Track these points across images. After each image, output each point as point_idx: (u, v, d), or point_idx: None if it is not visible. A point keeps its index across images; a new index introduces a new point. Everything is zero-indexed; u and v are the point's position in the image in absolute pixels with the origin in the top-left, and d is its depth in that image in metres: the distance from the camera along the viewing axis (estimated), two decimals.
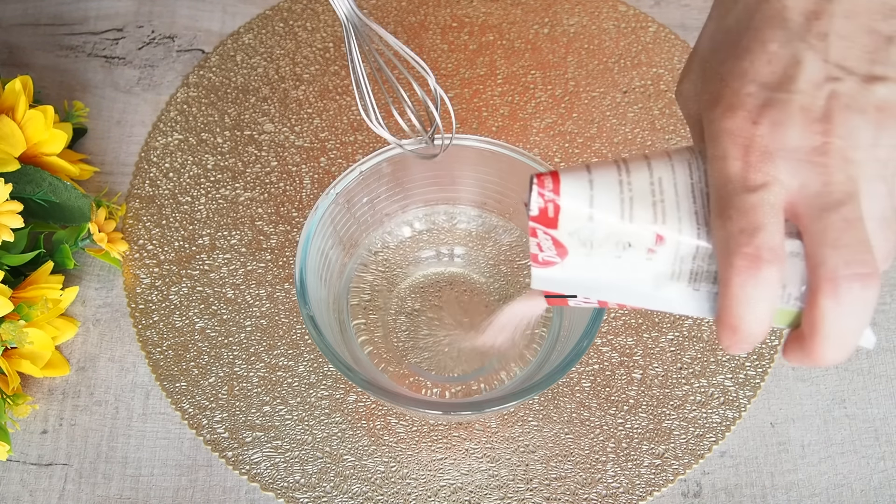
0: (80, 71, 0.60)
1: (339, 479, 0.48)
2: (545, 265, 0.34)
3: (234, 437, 0.49)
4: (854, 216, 0.28)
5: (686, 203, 0.32)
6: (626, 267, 0.33)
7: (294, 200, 0.55)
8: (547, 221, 0.33)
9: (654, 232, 0.32)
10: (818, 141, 0.29)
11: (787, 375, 0.51)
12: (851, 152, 0.29)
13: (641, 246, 0.32)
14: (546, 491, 0.47)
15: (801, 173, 0.29)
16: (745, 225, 0.29)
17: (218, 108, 0.58)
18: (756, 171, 0.29)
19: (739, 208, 0.29)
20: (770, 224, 0.29)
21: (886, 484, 0.48)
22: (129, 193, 0.56)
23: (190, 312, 0.52)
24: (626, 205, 0.32)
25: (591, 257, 0.33)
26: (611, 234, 0.32)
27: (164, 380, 0.50)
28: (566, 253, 0.34)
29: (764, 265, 0.29)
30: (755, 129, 0.29)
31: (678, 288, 0.33)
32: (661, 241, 0.32)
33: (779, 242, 0.29)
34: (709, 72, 0.32)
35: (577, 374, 0.50)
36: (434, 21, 0.61)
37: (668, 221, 0.32)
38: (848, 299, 0.28)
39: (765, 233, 0.29)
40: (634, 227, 0.32)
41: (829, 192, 0.29)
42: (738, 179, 0.30)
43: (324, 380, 0.50)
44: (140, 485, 0.48)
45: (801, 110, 0.29)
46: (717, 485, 0.48)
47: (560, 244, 0.33)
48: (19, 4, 0.62)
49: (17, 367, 0.48)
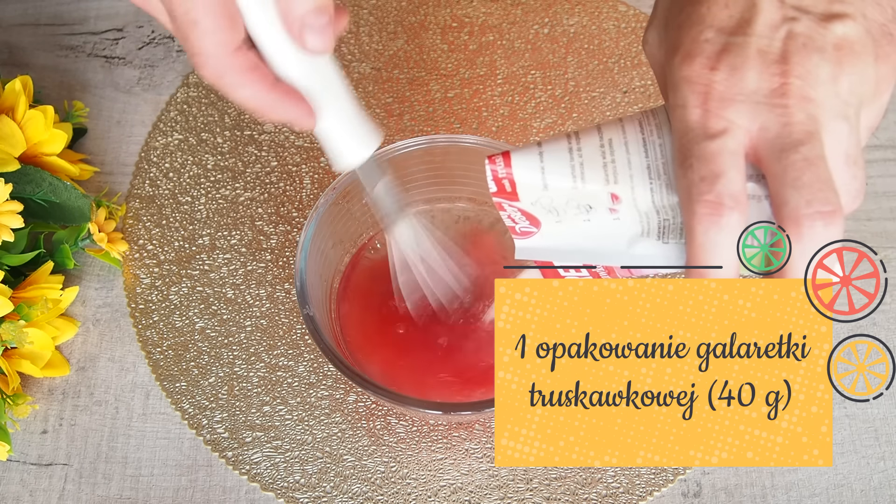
0: (80, 71, 0.60)
1: (339, 479, 0.48)
2: (525, 235, 0.36)
3: (234, 437, 0.49)
4: (815, 155, 0.28)
5: (637, 159, 0.32)
6: (597, 230, 0.34)
7: (294, 200, 0.55)
8: (507, 195, 0.34)
9: (609, 192, 0.32)
10: (776, 82, 0.29)
11: None
12: (811, 91, 0.29)
13: (602, 207, 0.33)
14: (546, 491, 0.47)
15: (761, 116, 0.29)
16: (706, 173, 0.29)
17: (218, 107, 0.58)
18: (715, 118, 0.29)
19: (700, 156, 0.29)
20: (730, 170, 0.29)
21: (886, 484, 0.48)
22: (129, 193, 0.56)
23: (190, 312, 0.52)
24: (577, 170, 0.33)
25: (563, 224, 0.34)
26: (570, 199, 0.33)
27: (164, 380, 0.50)
28: (539, 223, 0.35)
29: (725, 211, 0.28)
30: (713, 76, 0.29)
31: (649, 243, 0.33)
32: (618, 200, 0.33)
33: (740, 188, 0.29)
34: (670, 20, 0.32)
35: None
36: (434, 21, 0.61)
37: (620, 180, 0.32)
38: (812, 237, 0.28)
39: (725, 179, 0.29)
40: (589, 189, 0.33)
41: (788, 132, 0.29)
42: (697, 127, 0.29)
43: (324, 380, 0.50)
44: (140, 485, 0.48)
45: (759, 53, 0.29)
46: (717, 485, 0.48)
47: (530, 215, 0.35)
48: (19, 4, 0.62)
49: (17, 367, 0.48)
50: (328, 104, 0.33)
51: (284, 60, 0.32)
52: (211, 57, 0.31)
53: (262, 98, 0.32)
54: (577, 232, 0.34)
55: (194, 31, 0.30)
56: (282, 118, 0.32)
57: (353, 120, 0.35)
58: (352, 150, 0.35)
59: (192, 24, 0.30)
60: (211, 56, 0.30)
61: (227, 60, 0.31)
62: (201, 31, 0.30)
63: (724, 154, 0.29)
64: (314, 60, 0.32)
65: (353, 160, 0.36)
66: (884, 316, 0.52)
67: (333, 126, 0.34)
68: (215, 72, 0.31)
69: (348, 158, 0.36)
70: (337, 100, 0.34)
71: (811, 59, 0.29)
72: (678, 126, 0.30)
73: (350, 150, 0.35)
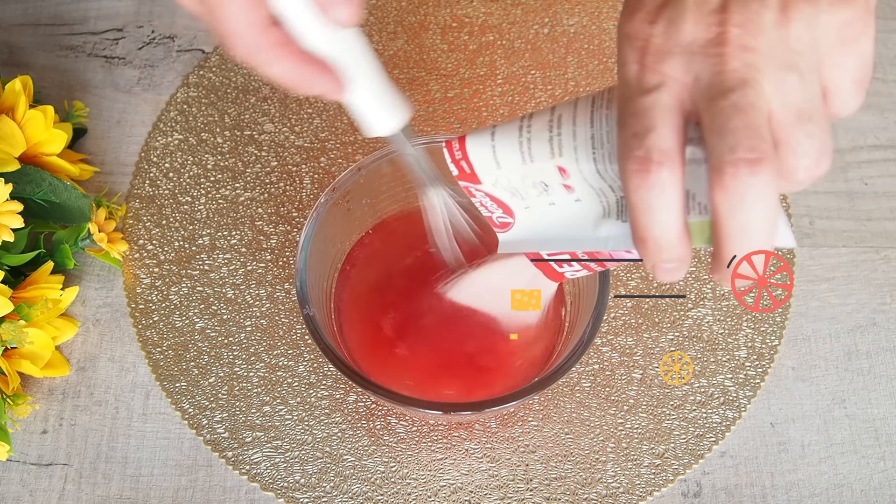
0: (80, 71, 0.60)
1: (339, 479, 0.48)
2: (503, 227, 0.36)
3: (234, 437, 0.49)
4: (745, 102, 0.27)
5: (583, 130, 0.31)
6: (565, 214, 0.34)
7: (294, 200, 0.55)
8: (469, 178, 0.35)
9: (555, 165, 0.32)
10: (713, 32, 0.28)
11: (787, 375, 0.51)
12: (751, 40, 0.27)
13: (556, 184, 0.33)
14: (546, 491, 0.47)
15: (695, 66, 0.28)
16: (638, 128, 0.28)
17: (218, 108, 0.58)
18: (651, 73, 0.28)
19: (634, 112, 0.28)
20: (661, 125, 0.28)
21: (886, 484, 0.48)
22: (129, 193, 0.56)
23: (190, 312, 0.52)
24: (525, 145, 0.33)
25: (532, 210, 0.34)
26: (524, 176, 0.33)
27: (164, 380, 0.50)
28: (511, 211, 0.35)
29: (654, 166, 0.27)
30: (651, 30, 0.28)
31: (612, 224, 0.33)
32: (566, 174, 0.32)
33: (671, 143, 0.28)
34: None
35: (577, 374, 0.50)
36: (434, 21, 0.61)
37: (565, 152, 0.32)
38: (735, 187, 0.26)
39: (655, 134, 0.28)
40: (538, 165, 0.33)
41: (720, 80, 0.27)
42: (634, 83, 0.29)
43: (324, 380, 0.50)
44: (140, 485, 0.48)
45: (696, 4, 0.28)
46: (717, 485, 0.48)
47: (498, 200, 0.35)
48: (19, 4, 0.62)
49: (17, 367, 0.48)
50: (358, 75, 0.33)
51: (313, 34, 0.32)
52: (242, 36, 0.31)
53: (295, 72, 0.32)
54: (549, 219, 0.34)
55: (223, 11, 0.30)
56: (314, 91, 0.32)
57: (384, 90, 0.35)
58: (383, 120, 0.36)
59: (221, 5, 0.30)
60: (242, 35, 0.30)
61: (258, 38, 0.31)
62: (231, 11, 0.30)
63: (657, 108, 0.28)
64: (342, 33, 0.32)
65: (384, 129, 0.36)
66: (884, 316, 0.52)
67: (364, 97, 0.35)
68: (247, 50, 0.31)
69: (380, 127, 0.36)
70: (366, 71, 0.34)
71: (751, 7, 0.27)
72: (619, 85, 0.29)
73: (381, 120, 0.36)
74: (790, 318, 0.52)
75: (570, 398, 0.50)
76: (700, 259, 0.53)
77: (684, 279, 0.52)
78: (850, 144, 0.57)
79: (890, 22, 0.61)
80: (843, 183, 0.56)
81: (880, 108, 0.58)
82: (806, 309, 0.52)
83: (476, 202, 0.36)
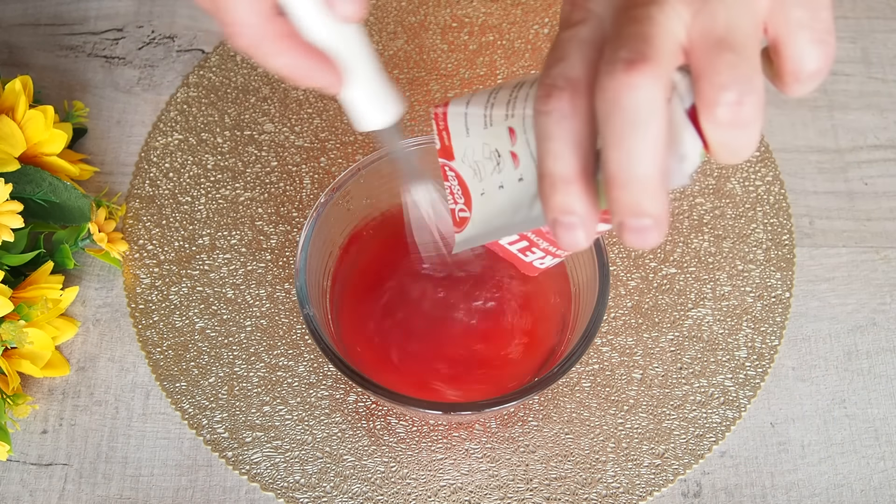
0: (80, 71, 0.60)
1: (339, 479, 0.48)
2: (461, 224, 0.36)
3: (234, 437, 0.49)
4: (644, 14, 0.26)
5: (535, 89, 0.30)
6: (509, 196, 0.33)
7: (294, 200, 0.55)
8: (446, 152, 0.35)
9: (507, 126, 0.32)
10: None
11: (787, 375, 0.51)
12: None
13: (506, 153, 0.32)
14: (546, 491, 0.47)
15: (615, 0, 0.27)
16: (551, 59, 0.28)
17: (218, 108, 0.58)
18: (578, 10, 0.28)
19: (553, 47, 0.28)
20: (572, 55, 0.27)
21: (886, 484, 0.48)
22: (129, 193, 0.56)
23: (190, 312, 0.52)
24: (489, 110, 0.33)
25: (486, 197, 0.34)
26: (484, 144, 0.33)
27: (164, 380, 0.50)
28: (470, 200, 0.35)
29: (556, 92, 0.27)
30: None
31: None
32: (513, 137, 0.31)
33: (578, 73, 0.27)
34: None
35: (577, 374, 0.50)
36: (434, 21, 0.61)
37: (516, 113, 0.31)
38: (611, 85, 0.25)
39: (564, 63, 0.27)
40: (495, 128, 0.32)
41: (632, 2, 0.27)
42: (563, 21, 0.29)
43: (324, 380, 0.50)
44: (140, 485, 0.48)
45: None
46: (717, 485, 0.48)
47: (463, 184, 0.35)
48: (19, 4, 0.62)
49: (17, 367, 0.48)
50: (357, 70, 0.33)
51: (317, 27, 0.32)
52: (247, 26, 0.30)
53: (299, 65, 0.31)
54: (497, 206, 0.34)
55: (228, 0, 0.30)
56: (315, 84, 0.32)
57: (380, 85, 0.35)
58: (377, 115, 0.36)
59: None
60: (247, 25, 0.30)
61: (263, 28, 0.30)
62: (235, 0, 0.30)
63: (573, 41, 0.28)
64: (344, 28, 0.32)
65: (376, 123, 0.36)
66: (884, 316, 0.52)
67: (360, 91, 0.35)
68: (252, 41, 0.30)
69: (372, 121, 0.36)
70: (365, 66, 0.34)
71: None
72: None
73: (375, 114, 0.36)
74: (790, 318, 0.52)
75: (570, 398, 0.50)
76: (700, 259, 0.53)
77: (685, 279, 0.52)
78: (850, 144, 0.57)
79: (890, 22, 0.61)
80: (843, 183, 0.56)
81: (880, 108, 0.58)
82: (806, 309, 0.52)
83: (447, 189, 0.36)
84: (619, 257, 0.53)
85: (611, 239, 0.53)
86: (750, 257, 0.53)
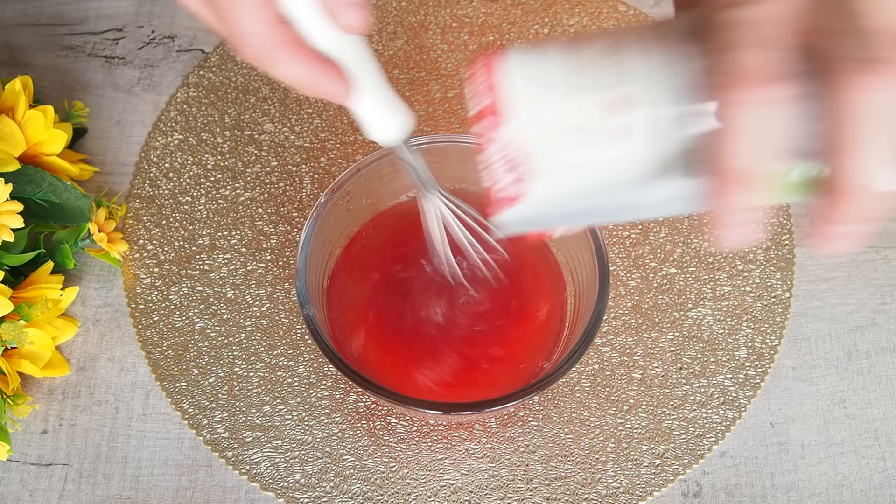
0: (80, 71, 0.60)
1: (339, 479, 0.48)
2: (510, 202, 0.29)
3: (234, 437, 0.49)
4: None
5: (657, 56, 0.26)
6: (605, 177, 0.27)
7: (294, 200, 0.55)
8: (491, 116, 0.28)
9: (612, 97, 0.27)
10: None
11: (787, 375, 0.51)
12: None
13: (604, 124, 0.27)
14: (546, 491, 0.47)
15: None
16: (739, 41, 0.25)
17: (218, 108, 0.58)
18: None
19: (730, 28, 0.25)
20: (767, 41, 0.24)
21: (886, 484, 0.48)
22: (129, 193, 0.56)
23: (190, 312, 0.52)
24: (580, 71, 0.27)
25: (555, 171, 0.28)
26: (567, 111, 0.27)
27: (164, 380, 0.50)
28: (529, 172, 0.28)
29: (762, 80, 0.24)
30: None
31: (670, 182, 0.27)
32: (628, 107, 0.26)
33: (775, 61, 0.24)
34: None
35: (577, 374, 0.50)
36: (434, 21, 0.61)
37: (633, 78, 0.26)
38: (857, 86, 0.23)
39: (758, 49, 0.24)
40: (589, 96, 0.27)
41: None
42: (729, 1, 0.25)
43: (324, 380, 0.50)
44: (140, 485, 0.48)
45: None
46: (717, 485, 0.48)
47: (516, 156, 0.28)
48: (19, 4, 0.62)
49: (17, 367, 0.48)
50: (363, 82, 0.33)
51: (321, 37, 0.32)
52: (254, 35, 0.30)
53: (307, 73, 0.31)
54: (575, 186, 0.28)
55: (233, 10, 0.29)
56: (322, 93, 0.32)
57: (388, 99, 0.35)
58: (385, 129, 0.36)
59: (231, 3, 0.29)
60: (254, 34, 0.30)
61: (269, 37, 0.30)
62: (242, 9, 0.29)
63: (766, 23, 0.24)
64: (348, 38, 0.32)
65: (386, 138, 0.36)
66: (884, 316, 0.52)
67: (368, 104, 0.35)
68: (258, 50, 0.30)
69: (382, 134, 0.36)
70: (371, 79, 0.34)
71: None
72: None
73: (384, 128, 0.36)
74: (790, 318, 0.52)
75: (570, 398, 0.50)
76: (700, 259, 0.53)
77: (685, 279, 0.52)
78: None
79: None
80: None
81: None
82: (806, 309, 0.52)
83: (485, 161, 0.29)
84: (619, 257, 0.53)
85: (611, 239, 0.53)
86: (750, 257, 0.53)
